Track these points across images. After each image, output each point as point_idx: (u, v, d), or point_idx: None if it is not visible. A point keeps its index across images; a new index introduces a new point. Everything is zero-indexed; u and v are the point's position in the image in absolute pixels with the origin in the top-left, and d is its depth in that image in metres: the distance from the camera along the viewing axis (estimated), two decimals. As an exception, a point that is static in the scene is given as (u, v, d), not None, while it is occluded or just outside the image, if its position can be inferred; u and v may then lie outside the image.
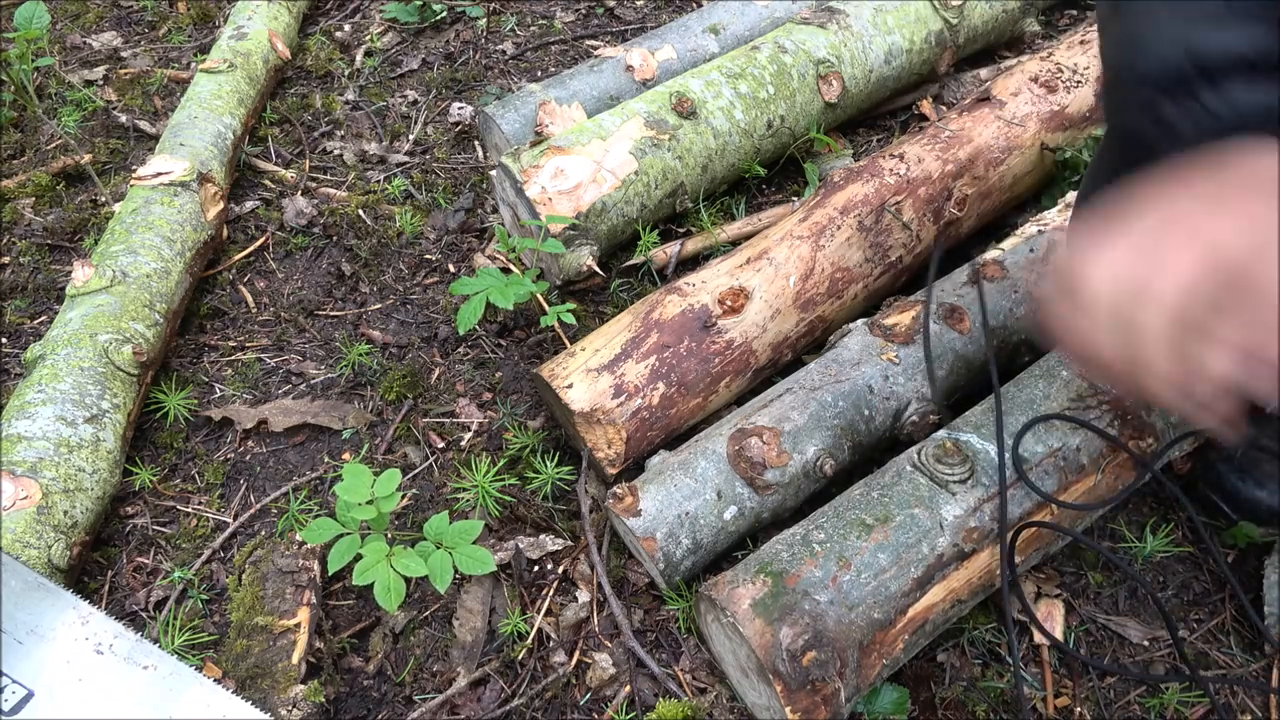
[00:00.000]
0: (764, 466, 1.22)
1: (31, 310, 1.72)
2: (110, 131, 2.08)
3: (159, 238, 1.58)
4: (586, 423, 1.31)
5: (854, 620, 1.05)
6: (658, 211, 1.67)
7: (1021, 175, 1.65)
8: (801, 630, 1.02)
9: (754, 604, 1.05)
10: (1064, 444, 1.19)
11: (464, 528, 1.20)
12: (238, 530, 1.38)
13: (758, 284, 1.41)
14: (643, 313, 1.39)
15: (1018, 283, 1.42)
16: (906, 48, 1.87)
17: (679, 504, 1.20)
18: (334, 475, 1.44)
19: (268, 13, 2.19)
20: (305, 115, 2.13)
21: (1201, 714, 1.15)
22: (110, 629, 1.05)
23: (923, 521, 1.11)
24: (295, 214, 1.86)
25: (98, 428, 1.34)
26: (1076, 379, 1.25)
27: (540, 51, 2.31)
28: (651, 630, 1.25)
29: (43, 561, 1.19)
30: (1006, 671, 1.19)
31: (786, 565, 1.08)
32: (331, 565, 1.15)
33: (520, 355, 1.60)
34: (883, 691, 1.13)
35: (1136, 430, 1.23)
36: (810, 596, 1.05)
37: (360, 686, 1.21)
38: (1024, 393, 1.25)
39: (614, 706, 1.17)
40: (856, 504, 1.15)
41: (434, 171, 1.98)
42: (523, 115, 1.80)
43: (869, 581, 1.07)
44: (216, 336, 1.66)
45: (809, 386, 1.30)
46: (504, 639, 1.25)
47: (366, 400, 1.55)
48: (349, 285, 1.75)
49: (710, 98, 1.68)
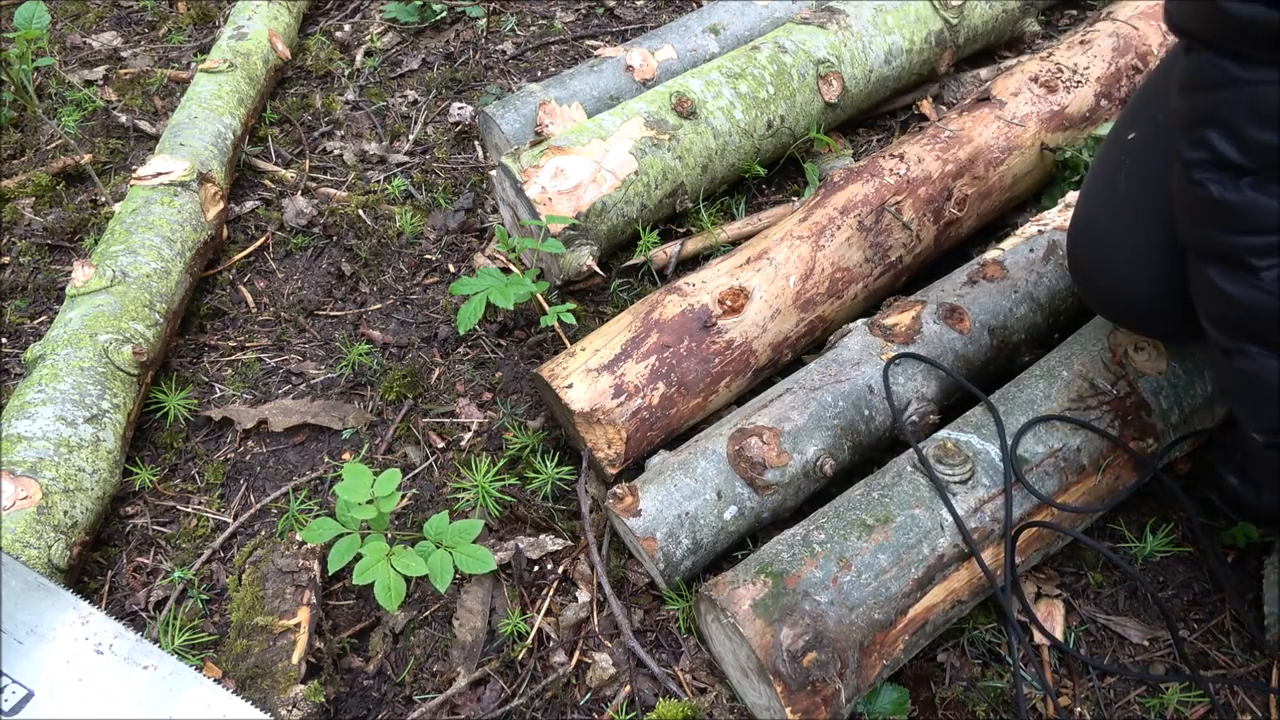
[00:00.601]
0: (764, 466, 1.22)
1: (31, 310, 1.72)
2: (110, 131, 2.08)
3: (159, 238, 1.58)
4: (586, 423, 1.31)
5: (854, 621, 1.05)
6: (658, 211, 1.67)
7: (1021, 175, 1.65)
8: (802, 631, 1.02)
9: (754, 604, 1.05)
10: (1064, 444, 1.19)
11: (464, 527, 1.20)
12: (238, 530, 1.38)
13: (758, 284, 1.41)
14: (643, 313, 1.39)
15: (1018, 283, 1.42)
16: (906, 48, 1.87)
17: (679, 504, 1.20)
18: (334, 475, 1.44)
19: (268, 13, 2.19)
20: (305, 115, 2.13)
21: (1201, 714, 1.15)
22: (110, 629, 1.05)
23: (923, 522, 1.11)
24: (295, 214, 1.86)
25: (98, 428, 1.34)
26: (1077, 379, 1.25)
27: (540, 51, 2.31)
28: (651, 630, 1.25)
29: (43, 561, 1.19)
30: (1006, 671, 1.19)
31: (787, 566, 1.08)
32: (331, 565, 1.15)
33: (520, 355, 1.60)
34: (883, 692, 1.13)
35: (1137, 430, 1.23)
36: (811, 597, 1.05)
37: (360, 686, 1.21)
38: (1024, 393, 1.25)
39: (614, 706, 1.17)
40: (857, 504, 1.15)
41: (434, 171, 1.98)
42: (523, 115, 1.80)
43: (869, 582, 1.07)
44: (216, 336, 1.66)
45: (809, 386, 1.30)
46: (504, 639, 1.25)
47: (366, 400, 1.55)
48: (349, 285, 1.75)
49: (710, 98, 1.68)
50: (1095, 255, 1.17)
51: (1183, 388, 1.27)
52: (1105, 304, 1.22)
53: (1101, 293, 1.20)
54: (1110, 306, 1.22)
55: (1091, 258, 1.18)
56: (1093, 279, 1.19)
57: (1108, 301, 1.21)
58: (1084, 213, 1.20)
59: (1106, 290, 1.18)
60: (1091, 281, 1.20)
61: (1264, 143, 0.82)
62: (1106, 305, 1.23)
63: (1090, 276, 1.20)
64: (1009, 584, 1.13)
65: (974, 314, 1.38)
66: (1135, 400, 1.24)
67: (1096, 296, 1.22)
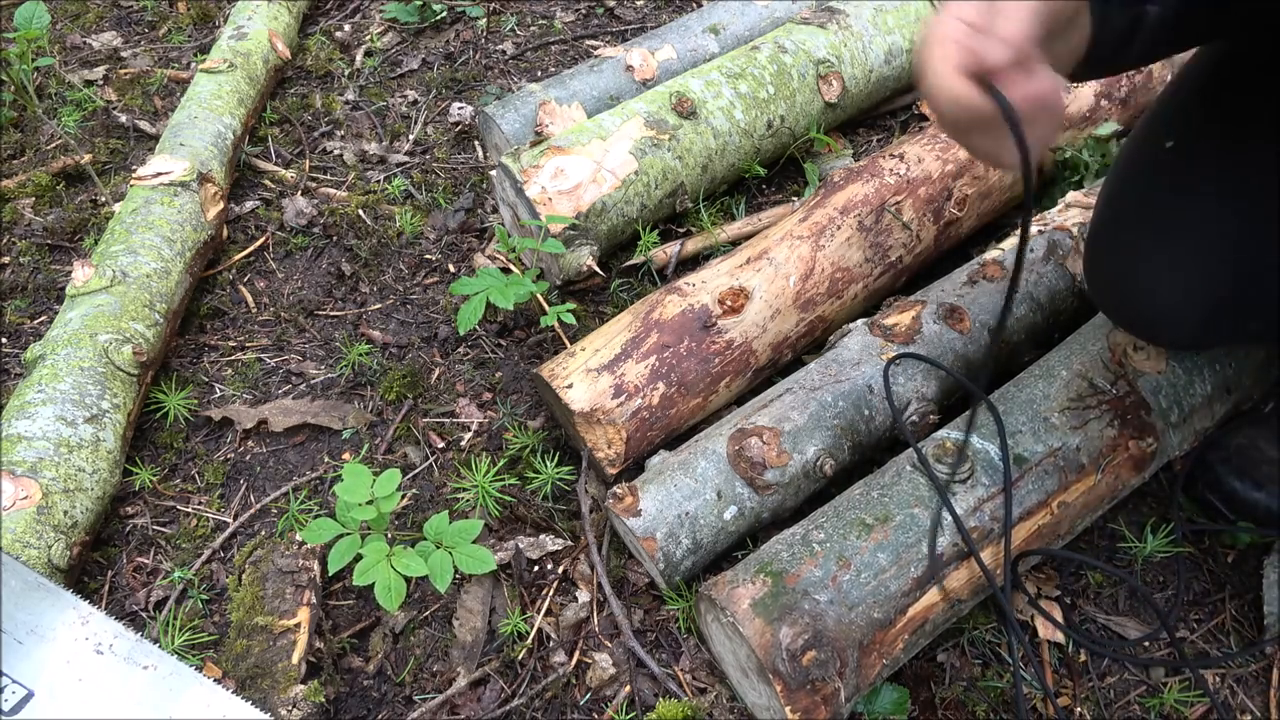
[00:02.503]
0: (764, 466, 1.22)
1: (31, 310, 1.72)
2: (110, 131, 2.08)
3: (159, 238, 1.58)
4: (586, 423, 1.31)
5: (854, 620, 1.05)
6: (658, 211, 1.67)
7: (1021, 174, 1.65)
8: (801, 630, 1.02)
9: (754, 604, 1.05)
10: (1064, 444, 1.19)
11: (464, 527, 1.20)
12: (238, 530, 1.38)
13: (758, 284, 1.41)
14: (642, 313, 1.39)
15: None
16: (907, 47, 1.87)
17: (679, 504, 1.20)
18: (334, 475, 1.44)
19: (268, 13, 2.19)
20: (305, 115, 2.13)
21: (1201, 713, 1.15)
22: (110, 629, 1.05)
23: (923, 521, 1.11)
24: (295, 214, 1.86)
25: (98, 428, 1.34)
26: (1076, 379, 1.25)
27: (540, 51, 2.31)
28: (651, 630, 1.25)
29: (43, 561, 1.19)
30: (1006, 671, 1.19)
31: (786, 565, 1.08)
32: (331, 565, 1.15)
33: (520, 355, 1.60)
34: (883, 691, 1.13)
35: (1137, 430, 1.23)
36: (810, 596, 1.05)
37: (360, 686, 1.21)
38: (1024, 392, 1.25)
39: (614, 706, 1.17)
40: (856, 503, 1.15)
41: (434, 171, 1.98)
42: (523, 115, 1.80)
43: (869, 581, 1.07)
44: (216, 336, 1.66)
45: (809, 386, 1.30)
46: (504, 639, 1.25)
47: (366, 400, 1.55)
48: (349, 285, 1.75)
49: (710, 98, 1.68)
50: (1120, 263, 1.17)
51: (1182, 387, 1.27)
52: (1117, 309, 1.22)
53: (1118, 299, 1.20)
54: (1123, 312, 1.22)
55: (1115, 265, 1.17)
56: (1113, 285, 1.19)
57: (1119, 307, 1.21)
58: (1110, 217, 1.19)
59: (1124, 298, 1.18)
60: (1111, 287, 1.20)
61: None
62: (1118, 311, 1.22)
63: (1112, 282, 1.19)
64: (1009, 584, 1.13)
65: (974, 314, 1.38)
66: (1135, 400, 1.24)
67: (1111, 302, 1.22)
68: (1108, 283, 1.20)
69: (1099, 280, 1.21)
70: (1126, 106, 1.75)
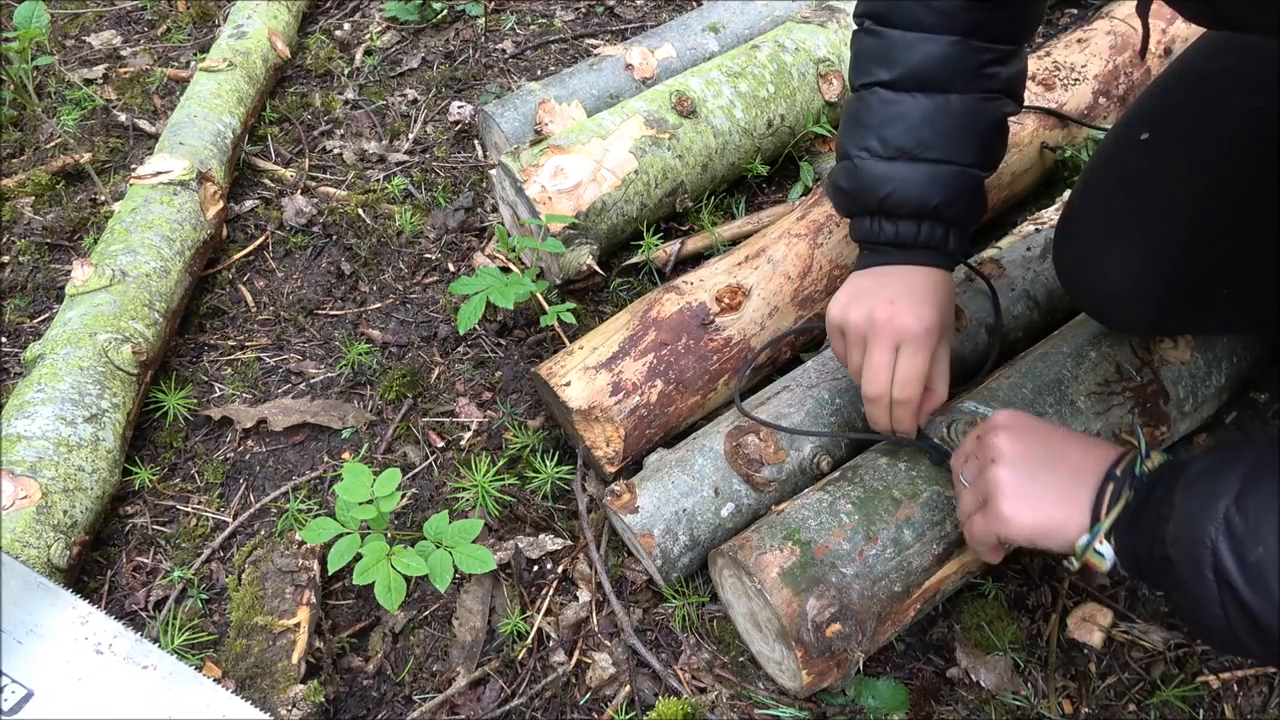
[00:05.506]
0: (761, 464, 1.23)
1: (31, 309, 1.72)
2: (110, 130, 2.08)
3: (158, 237, 1.58)
4: (585, 420, 1.31)
5: (876, 594, 1.07)
6: (658, 210, 1.67)
7: (1020, 173, 1.65)
8: (828, 604, 1.03)
9: (782, 573, 1.05)
10: (1087, 429, 1.20)
11: (464, 527, 1.20)
12: (237, 530, 1.38)
13: (756, 281, 1.41)
14: (641, 311, 1.39)
15: (1015, 281, 1.42)
16: (906, 46, 1.87)
17: (676, 501, 1.20)
18: (334, 475, 1.44)
19: (267, 11, 2.19)
20: (305, 114, 2.13)
21: (1201, 714, 1.15)
22: (110, 629, 1.05)
23: (948, 500, 1.12)
24: (295, 213, 1.86)
25: (97, 427, 1.34)
26: (1104, 362, 1.24)
27: (540, 50, 2.31)
28: (650, 629, 1.25)
29: (42, 561, 1.19)
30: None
31: (815, 535, 1.08)
32: (331, 565, 1.15)
33: (520, 355, 1.60)
34: (880, 685, 1.14)
35: (1152, 418, 1.23)
36: (837, 569, 1.06)
37: (360, 686, 1.21)
38: (1052, 370, 1.24)
39: (614, 706, 1.18)
40: (884, 474, 1.14)
41: (434, 170, 1.98)
42: (522, 114, 1.80)
43: (893, 557, 1.08)
44: (216, 336, 1.66)
45: (806, 384, 1.30)
46: (504, 639, 1.25)
47: (366, 400, 1.55)
48: (349, 284, 1.75)
49: (710, 96, 1.68)
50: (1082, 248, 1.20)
51: (1200, 378, 1.27)
52: (1080, 294, 1.25)
53: (1081, 284, 1.23)
54: (1086, 297, 1.24)
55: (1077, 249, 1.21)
56: (1077, 269, 1.22)
57: (1082, 292, 1.24)
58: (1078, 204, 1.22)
59: (1087, 283, 1.21)
60: (1074, 271, 1.23)
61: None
62: (1081, 296, 1.25)
63: (1075, 266, 1.22)
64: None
65: (971, 312, 1.38)
66: (1156, 388, 1.25)
67: (1073, 286, 1.25)
68: (1071, 267, 1.23)
69: (1064, 264, 1.24)
70: (1125, 105, 1.75)
